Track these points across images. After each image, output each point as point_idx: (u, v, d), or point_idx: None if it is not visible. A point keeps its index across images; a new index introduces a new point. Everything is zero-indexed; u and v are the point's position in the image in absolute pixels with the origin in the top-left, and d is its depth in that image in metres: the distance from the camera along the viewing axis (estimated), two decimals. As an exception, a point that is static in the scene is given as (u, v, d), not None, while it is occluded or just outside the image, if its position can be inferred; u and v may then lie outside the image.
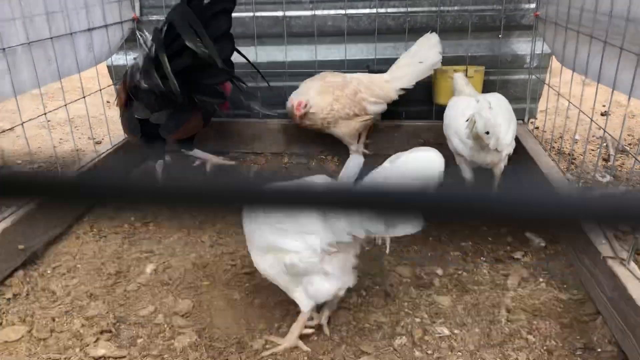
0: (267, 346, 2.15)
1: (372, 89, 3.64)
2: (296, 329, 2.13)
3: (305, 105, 3.54)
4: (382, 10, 3.96)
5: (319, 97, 3.57)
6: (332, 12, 4.00)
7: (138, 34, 3.15)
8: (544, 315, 2.30)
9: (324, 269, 2.01)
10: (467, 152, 3.05)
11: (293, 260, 1.98)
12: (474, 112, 2.86)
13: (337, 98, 3.56)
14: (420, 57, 3.65)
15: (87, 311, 2.36)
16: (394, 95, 3.72)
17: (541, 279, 2.54)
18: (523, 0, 3.86)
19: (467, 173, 3.23)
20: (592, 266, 2.37)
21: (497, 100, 3.17)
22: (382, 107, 3.74)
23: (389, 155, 1.93)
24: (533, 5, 3.84)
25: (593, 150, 4.17)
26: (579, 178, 3.16)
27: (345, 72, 3.79)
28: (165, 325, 2.28)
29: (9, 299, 2.45)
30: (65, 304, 2.41)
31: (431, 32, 3.67)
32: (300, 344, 2.13)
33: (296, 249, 1.98)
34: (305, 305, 2.09)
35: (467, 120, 2.88)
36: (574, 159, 3.96)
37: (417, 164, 1.85)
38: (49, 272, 2.69)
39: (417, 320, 2.28)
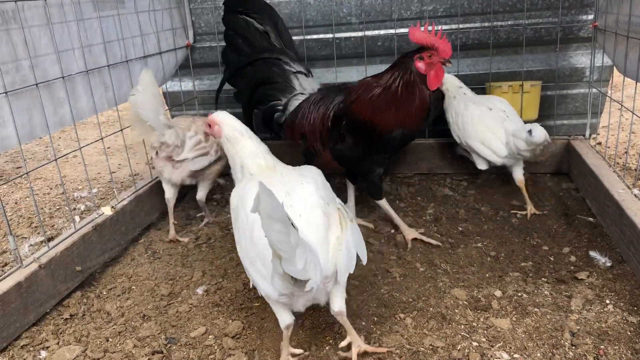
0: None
1: None
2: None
3: None
4: (433, 28, 3.90)
5: None
6: (382, 32, 3.98)
7: None
8: (613, 339, 2.14)
9: None
10: (501, 160, 3.27)
11: None
12: (516, 129, 3.12)
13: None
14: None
15: (139, 332, 2.38)
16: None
17: (608, 301, 2.39)
18: (580, 11, 3.72)
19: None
20: (664, 287, 2.20)
21: (503, 105, 3.38)
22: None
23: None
24: (591, 17, 3.69)
25: (662, 165, 3.94)
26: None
27: None
28: (216, 347, 2.27)
29: (66, 319, 2.51)
30: (118, 325, 2.44)
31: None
32: None
33: None
34: None
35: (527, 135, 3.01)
36: (641, 174, 3.75)
37: None
38: (104, 293, 2.74)
39: (475, 344, 2.17)
